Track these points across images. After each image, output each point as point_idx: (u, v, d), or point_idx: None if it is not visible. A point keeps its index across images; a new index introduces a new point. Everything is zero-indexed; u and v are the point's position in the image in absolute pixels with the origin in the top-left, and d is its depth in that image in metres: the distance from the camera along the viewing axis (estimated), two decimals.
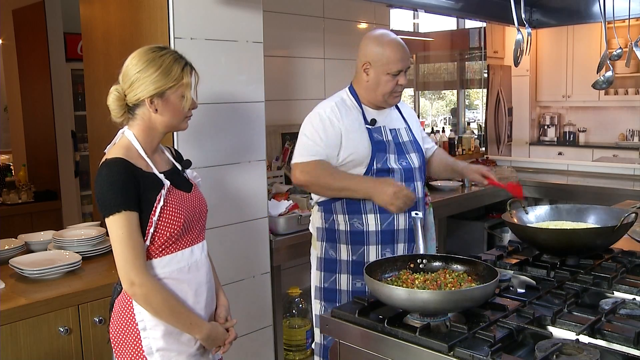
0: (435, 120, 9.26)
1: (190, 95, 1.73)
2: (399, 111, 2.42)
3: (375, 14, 4.23)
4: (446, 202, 3.88)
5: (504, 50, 6.59)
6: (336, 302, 2.24)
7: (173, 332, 1.68)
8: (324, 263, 2.29)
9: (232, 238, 2.70)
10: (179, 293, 1.70)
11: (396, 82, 2.23)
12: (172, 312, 1.65)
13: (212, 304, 1.85)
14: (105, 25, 2.87)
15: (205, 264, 1.81)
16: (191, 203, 1.76)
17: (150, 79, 1.66)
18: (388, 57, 2.20)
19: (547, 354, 1.23)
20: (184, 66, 1.71)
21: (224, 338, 1.80)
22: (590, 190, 4.23)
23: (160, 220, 1.65)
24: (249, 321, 2.80)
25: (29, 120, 5.01)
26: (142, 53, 1.71)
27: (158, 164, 1.75)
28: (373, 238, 2.21)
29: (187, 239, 1.74)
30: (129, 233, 1.59)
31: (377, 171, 2.20)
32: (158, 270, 1.68)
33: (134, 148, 1.70)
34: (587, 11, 3.50)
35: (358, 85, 2.31)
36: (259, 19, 2.74)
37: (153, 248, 1.67)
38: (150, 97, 1.67)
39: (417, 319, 1.44)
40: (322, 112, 2.24)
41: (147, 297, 1.61)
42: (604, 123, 7.12)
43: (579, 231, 1.97)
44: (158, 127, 1.73)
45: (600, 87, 2.58)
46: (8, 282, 2.19)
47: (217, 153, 2.62)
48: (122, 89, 1.70)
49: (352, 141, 2.20)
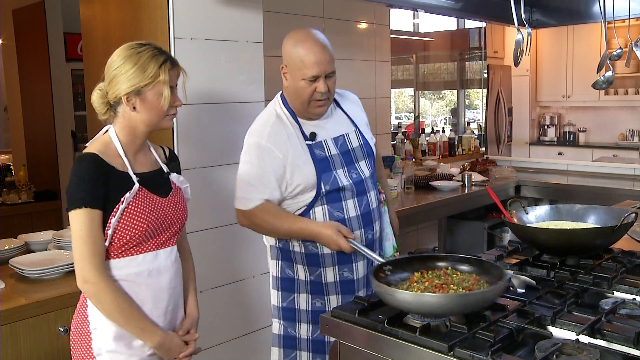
0: (435, 120, 9.26)
1: (168, 93, 1.66)
2: (344, 112, 2.18)
3: (375, 14, 4.23)
4: (446, 202, 3.88)
5: (504, 50, 6.59)
6: (296, 321, 2.12)
7: (124, 335, 1.64)
8: (281, 282, 2.14)
9: (232, 238, 2.70)
10: (135, 297, 1.66)
11: (314, 89, 1.97)
12: (122, 314, 1.61)
13: (176, 312, 1.79)
14: (105, 25, 2.87)
15: (170, 270, 1.74)
16: (163, 208, 1.71)
17: (126, 76, 1.63)
18: (302, 60, 1.95)
19: (547, 354, 1.23)
20: (163, 63, 1.65)
21: (180, 350, 1.73)
22: (590, 190, 4.22)
23: (120, 222, 1.61)
24: (249, 321, 2.80)
25: (29, 120, 5.01)
26: (122, 49, 1.67)
27: (139, 164, 1.71)
28: (329, 260, 2.06)
29: (151, 243, 1.69)
30: (89, 230, 1.57)
31: (327, 193, 2.01)
32: (115, 271, 1.64)
33: (113, 146, 1.67)
34: (587, 11, 3.51)
35: (285, 92, 2.10)
36: (259, 19, 2.74)
37: (112, 249, 1.64)
38: (126, 94, 1.64)
39: (417, 319, 1.44)
40: (260, 140, 2.02)
41: (98, 296, 1.59)
42: (604, 123, 7.13)
43: (579, 231, 1.97)
44: (138, 125, 1.69)
45: (600, 87, 2.58)
46: (8, 282, 2.19)
47: (217, 153, 2.62)
48: (104, 86, 1.67)
49: (298, 169, 2.00)
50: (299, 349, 2.13)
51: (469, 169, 4.69)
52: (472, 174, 4.37)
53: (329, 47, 2.00)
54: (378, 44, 4.30)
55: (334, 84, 2.04)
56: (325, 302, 2.09)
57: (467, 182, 4.22)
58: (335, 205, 2.04)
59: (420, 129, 6.72)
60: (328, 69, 1.98)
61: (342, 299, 2.08)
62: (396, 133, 4.88)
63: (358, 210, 2.08)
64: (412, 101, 8.41)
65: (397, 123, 6.46)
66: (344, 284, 2.08)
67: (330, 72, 1.99)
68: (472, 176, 4.31)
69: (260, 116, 2.13)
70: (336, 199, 2.04)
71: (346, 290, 2.08)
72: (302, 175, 2.01)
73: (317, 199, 2.03)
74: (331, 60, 1.99)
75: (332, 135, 2.09)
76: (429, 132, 5.46)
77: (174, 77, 1.69)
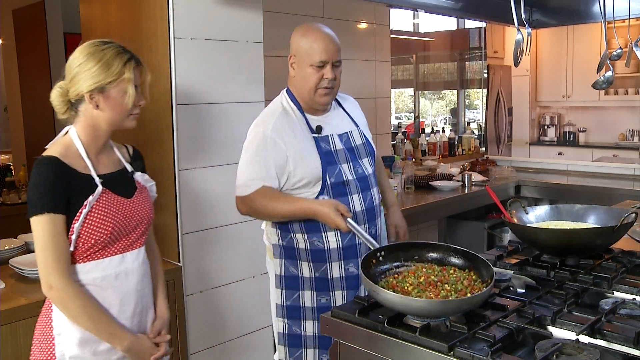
0: (435, 120, 9.26)
1: (132, 91, 1.64)
2: (345, 112, 2.24)
3: (375, 14, 4.23)
4: (446, 202, 3.88)
5: (504, 50, 6.59)
6: (300, 319, 2.13)
7: (90, 340, 1.62)
8: (285, 281, 2.14)
9: (232, 238, 2.70)
10: (102, 300, 1.64)
11: (321, 75, 2.04)
12: (90, 319, 1.59)
13: (145, 314, 1.77)
14: (105, 25, 2.87)
15: (138, 273, 1.73)
16: (128, 209, 1.69)
17: (89, 73, 1.60)
18: (310, 46, 2.04)
19: (547, 354, 1.23)
20: (127, 61, 1.63)
21: (150, 353, 1.70)
22: (590, 190, 4.23)
23: (85, 226, 1.59)
24: (249, 321, 2.80)
25: (29, 120, 5.01)
26: (85, 46, 1.64)
27: (102, 165, 1.69)
28: (335, 255, 2.07)
29: (118, 245, 1.67)
30: (52, 235, 1.54)
31: (332, 186, 2.05)
32: (81, 275, 1.62)
33: (74, 147, 1.64)
34: (587, 11, 3.51)
35: (291, 85, 2.16)
36: (259, 19, 2.74)
37: (77, 253, 1.61)
38: (89, 92, 1.61)
39: (417, 319, 1.44)
40: (264, 130, 2.05)
41: (64, 301, 1.57)
42: (604, 123, 7.13)
43: (579, 231, 1.97)
44: (101, 124, 1.66)
45: (600, 87, 2.58)
46: (8, 282, 2.19)
47: (217, 153, 2.62)
48: (64, 84, 1.65)
49: (302, 161, 2.03)
50: (304, 346, 2.14)
51: (469, 169, 4.69)
52: (472, 174, 4.37)
53: (336, 39, 2.09)
54: (378, 44, 4.30)
55: (340, 74, 2.11)
56: (331, 298, 2.11)
57: (467, 182, 4.23)
58: (341, 199, 2.05)
59: (420, 129, 6.73)
60: (335, 56, 2.06)
61: (347, 294, 2.10)
62: (396, 133, 4.88)
63: (363, 205, 2.11)
64: (412, 101, 8.42)
65: (397, 123, 6.46)
66: (349, 279, 2.09)
67: (337, 60, 2.07)
68: (472, 176, 4.31)
69: (266, 109, 2.17)
70: (342, 192, 2.07)
71: (351, 286, 2.10)
72: (307, 168, 2.03)
73: (323, 192, 2.05)
74: (338, 50, 2.08)
75: (337, 132, 2.14)
76: (429, 132, 5.46)
77: (138, 75, 1.68)
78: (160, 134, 2.54)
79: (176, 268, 2.51)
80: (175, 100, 2.46)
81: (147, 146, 2.63)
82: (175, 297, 2.49)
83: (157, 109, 2.53)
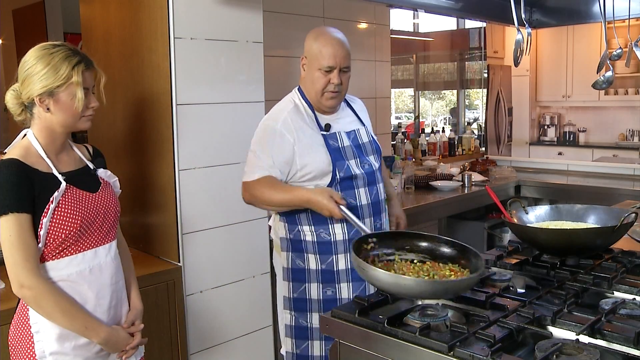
0: (435, 120, 9.26)
1: (81, 95, 1.64)
2: (353, 111, 2.33)
3: (375, 14, 4.23)
4: (446, 202, 3.88)
5: (504, 50, 6.59)
6: (307, 311, 2.18)
7: (69, 335, 1.64)
8: (292, 273, 2.20)
9: (232, 238, 2.70)
10: (77, 296, 1.66)
11: (328, 80, 2.12)
12: (65, 315, 1.61)
13: (120, 307, 1.80)
14: (105, 25, 2.87)
15: (111, 266, 1.76)
16: (94, 204, 1.71)
17: (38, 76, 1.61)
18: (320, 50, 2.11)
19: (547, 354, 1.23)
20: (76, 64, 1.63)
21: (126, 343, 1.74)
22: (590, 190, 4.23)
23: (53, 221, 1.61)
24: (249, 321, 2.80)
25: None
26: (36, 49, 1.65)
27: (63, 164, 1.71)
28: (341, 247, 2.14)
29: (89, 240, 1.70)
30: (19, 235, 1.55)
31: (341, 180, 2.12)
32: (54, 273, 1.63)
33: (33, 149, 1.66)
34: (587, 11, 3.50)
35: (302, 84, 2.23)
36: (259, 19, 2.74)
37: (48, 250, 1.63)
38: (39, 95, 1.62)
39: (417, 319, 1.44)
40: (274, 124, 2.14)
41: (37, 299, 1.58)
42: (604, 123, 7.13)
43: (579, 231, 1.97)
44: (55, 126, 1.68)
45: (600, 87, 2.58)
46: (8, 282, 2.19)
47: (217, 153, 2.62)
48: (18, 87, 1.66)
49: (309, 156, 2.11)
50: (310, 338, 2.18)
51: (469, 169, 4.69)
52: (472, 174, 4.37)
53: (347, 45, 2.17)
54: (378, 44, 4.30)
55: (348, 80, 2.19)
56: (337, 290, 2.15)
57: (467, 182, 4.23)
58: (348, 192, 2.13)
59: (420, 129, 6.72)
60: (343, 63, 2.14)
61: (352, 286, 2.15)
62: (396, 133, 4.88)
63: (369, 199, 2.19)
64: (412, 101, 8.41)
65: (397, 123, 6.45)
66: (355, 271, 2.11)
67: (345, 66, 2.15)
68: (472, 176, 4.32)
69: (278, 105, 2.24)
70: (349, 186, 2.15)
71: (357, 278, 2.13)
72: (314, 162, 2.11)
73: (332, 186, 2.12)
74: (347, 56, 2.16)
75: (345, 129, 2.22)
76: (429, 132, 5.46)
77: (88, 78, 1.68)
78: (160, 134, 2.54)
79: (176, 268, 2.51)
80: (176, 100, 2.46)
81: (147, 146, 2.63)
82: (175, 297, 2.49)
83: (157, 109, 2.53)
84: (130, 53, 2.67)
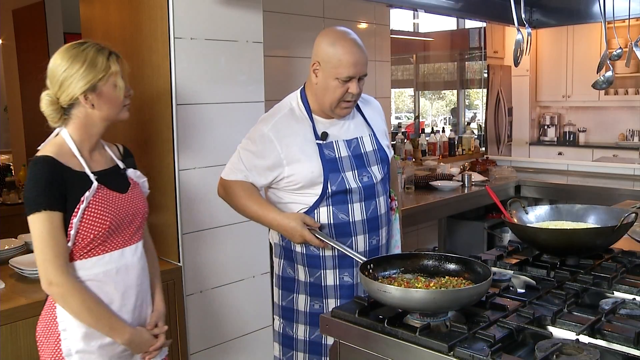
0: (435, 120, 9.26)
1: (121, 82, 1.69)
2: (360, 113, 2.14)
3: (375, 14, 4.23)
4: (446, 202, 3.88)
5: (504, 50, 6.59)
6: (293, 322, 2.11)
7: (95, 334, 1.65)
8: (282, 281, 2.13)
9: (232, 238, 2.70)
10: (103, 295, 1.67)
11: (346, 89, 1.94)
12: (91, 314, 1.62)
13: (144, 307, 1.81)
14: (105, 25, 2.87)
15: (137, 267, 1.77)
16: (124, 204, 1.73)
17: (77, 75, 1.63)
18: (339, 59, 1.91)
19: (547, 354, 1.23)
20: (109, 55, 1.68)
21: (150, 344, 1.76)
22: (590, 190, 4.23)
23: (83, 221, 1.62)
24: (249, 321, 2.80)
25: (29, 120, 5.00)
26: (64, 51, 1.67)
27: (95, 163, 1.72)
28: (330, 262, 2.03)
29: (116, 240, 1.71)
30: (50, 232, 1.57)
31: (332, 194, 1.97)
32: (82, 272, 1.65)
33: (67, 147, 1.67)
34: (587, 11, 3.50)
35: (308, 88, 2.05)
36: (259, 19, 2.74)
37: (76, 249, 1.64)
38: (83, 92, 1.64)
39: (417, 319, 1.44)
40: (263, 127, 2.01)
41: (64, 297, 1.59)
42: (604, 123, 7.13)
43: (579, 231, 1.97)
44: (96, 121, 1.70)
45: (600, 87, 2.57)
46: (8, 282, 2.19)
47: (217, 153, 2.61)
48: (52, 92, 1.66)
49: (298, 165, 1.97)
50: (295, 349, 2.13)
51: (469, 169, 4.69)
52: (472, 174, 4.37)
53: (365, 50, 1.99)
54: (378, 44, 4.30)
55: (363, 86, 2.02)
56: (324, 305, 2.08)
57: (467, 182, 4.23)
58: (340, 207, 2.00)
59: (420, 129, 6.72)
60: (363, 71, 1.97)
61: (340, 303, 2.04)
62: (396, 133, 4.88)
63: (364, 215, 2.03)
64: (412, 101, 8.41)
65: (397, 123, 6.46)
66: (343, 288, 2.05)
67: (364, 74, 1.99)
68: (472, 176, 4.32)
69: (275, 107, 2.12)
70: (342, 201, 2.00)
71: (345, 295, 2.05)
72: (303, 171, 1.97)
73: (323, 199, 1.98)
74: (366, 63, 2.00)
75: (344, 137, 2.06)
76: (429, 132, 5.46)
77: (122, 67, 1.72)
78: (160, 134, 2.54)
79: (176, 268, 2.51)
80: (175, 100, 2.46)
81: (147, 146, 2.63)
82: (175, 297, 2.49)
83: (157, 109, 2.53)
84: (130, 53, 2.66)
